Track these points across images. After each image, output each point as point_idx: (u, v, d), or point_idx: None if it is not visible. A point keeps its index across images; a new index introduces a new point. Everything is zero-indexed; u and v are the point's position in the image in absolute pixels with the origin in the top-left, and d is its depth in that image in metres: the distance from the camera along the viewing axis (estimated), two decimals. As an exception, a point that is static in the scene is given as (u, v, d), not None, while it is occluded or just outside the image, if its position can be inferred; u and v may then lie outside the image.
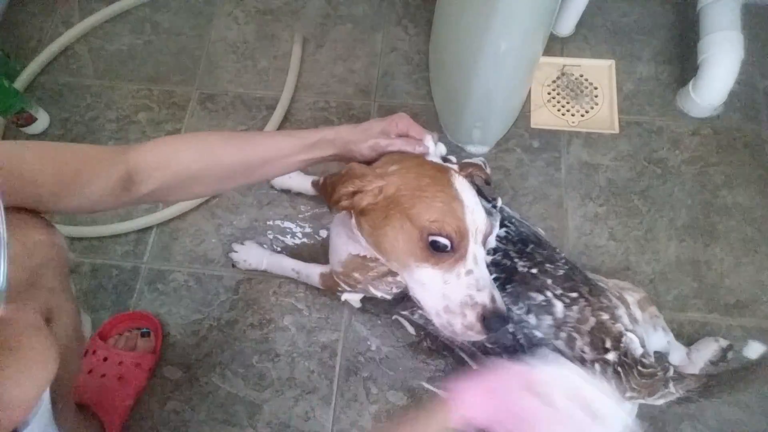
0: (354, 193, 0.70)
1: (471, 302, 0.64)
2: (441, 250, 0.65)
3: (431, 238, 0.64)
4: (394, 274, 0.80)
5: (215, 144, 0.73)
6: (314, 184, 1.18)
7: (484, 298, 0.64)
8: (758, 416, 1.02)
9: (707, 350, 1.01)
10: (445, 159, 0.81)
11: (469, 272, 0.65)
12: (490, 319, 0.64)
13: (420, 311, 0.88)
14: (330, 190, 0.72)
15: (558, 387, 0.61)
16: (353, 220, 0.74)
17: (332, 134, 0.78)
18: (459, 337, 0.66)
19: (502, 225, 0.83)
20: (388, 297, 0.87)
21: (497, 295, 0.66)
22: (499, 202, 0.88)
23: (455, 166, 0.79)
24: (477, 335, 0.65)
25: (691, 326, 1.08)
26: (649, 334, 0.91)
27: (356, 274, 0.86)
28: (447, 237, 0.64)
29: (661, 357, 0.98)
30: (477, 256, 0.66)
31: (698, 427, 1.01)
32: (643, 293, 0.98)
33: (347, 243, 0.83)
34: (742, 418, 1.02)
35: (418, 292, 0.69)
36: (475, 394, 0.63)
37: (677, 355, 1.00)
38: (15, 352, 0.23)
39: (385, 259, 0.73)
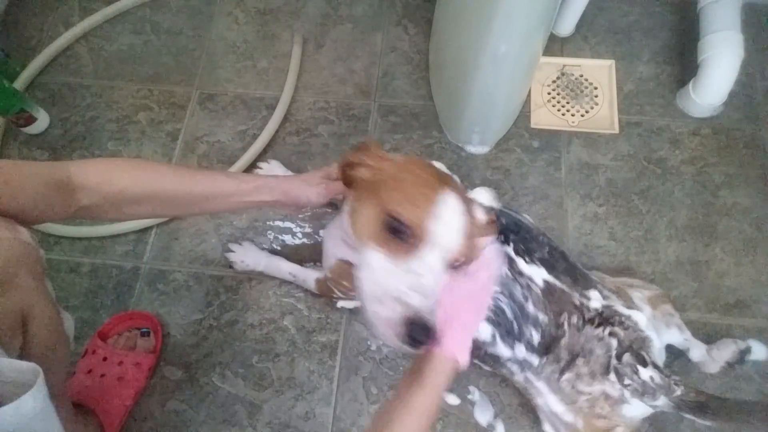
0: (356, 165, 0.71)
1: (402, 299, 0.59)
2: (398, 236, 0.62)
3: (390, 218, 0.62)
4: None
5: (159, 172, 0.76)
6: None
7: (418, 302, 0.59)
8: (758, 416, 1.02)
9: (726, 350, 1.00)
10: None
11: (416, 273, 0.61)
12: (414, 326, 0.58)
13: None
14: (341, 160, 0.73)
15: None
16: (347, 216, 0.74)
17: (274, 182, 0.86)
18: (380, 335, 0.62)
19: None
20: None
21: (433, 311, 0.61)
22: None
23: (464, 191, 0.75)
24: (394, 338, 0.60)
25: (692, 326, 1.08)
26: (661, 332, 0.91)
27: (345, 283, 0.87)
28: (406, 224, 0.61)
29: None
30: (432, 266, 0.62)
31: (697, 427, 1.01)
32: (657, 290, 0.98)
33: (338, 246, 0.83)
34: (742, 418, 1.02)
35: (363, 274, 0.65)
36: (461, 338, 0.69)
37: (697, 352, 0.99)
38: None
39: (354, 237, 0.70)
